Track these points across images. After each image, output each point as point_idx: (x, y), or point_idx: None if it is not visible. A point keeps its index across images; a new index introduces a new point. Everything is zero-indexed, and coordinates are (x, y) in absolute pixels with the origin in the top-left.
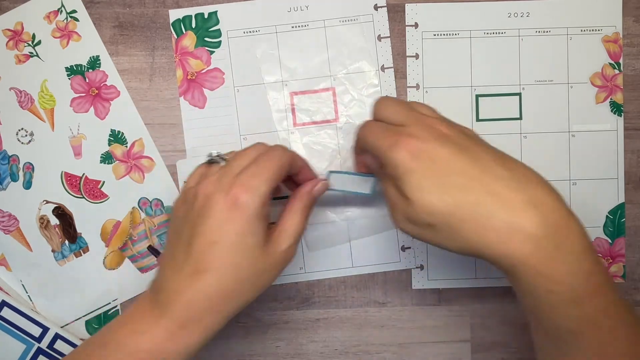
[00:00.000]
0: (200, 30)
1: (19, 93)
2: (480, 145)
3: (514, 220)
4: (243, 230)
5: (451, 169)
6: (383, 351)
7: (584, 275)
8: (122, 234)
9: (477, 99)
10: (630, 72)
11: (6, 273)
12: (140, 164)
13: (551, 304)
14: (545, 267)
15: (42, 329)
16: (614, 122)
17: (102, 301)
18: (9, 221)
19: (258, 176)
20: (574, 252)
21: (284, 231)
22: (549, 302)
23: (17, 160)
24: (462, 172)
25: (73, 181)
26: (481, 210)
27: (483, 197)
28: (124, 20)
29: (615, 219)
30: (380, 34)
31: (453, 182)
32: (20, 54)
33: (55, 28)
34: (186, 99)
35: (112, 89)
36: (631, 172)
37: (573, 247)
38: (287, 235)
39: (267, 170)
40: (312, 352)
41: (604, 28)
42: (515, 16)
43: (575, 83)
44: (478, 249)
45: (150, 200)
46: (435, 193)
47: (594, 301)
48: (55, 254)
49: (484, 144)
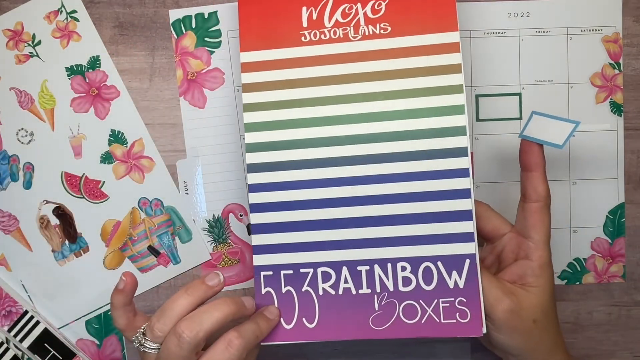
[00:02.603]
0: (200, 30)
1: (19, 93)
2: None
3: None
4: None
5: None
6: (383, 351)
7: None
8: (122, 234)
9: (477, 99)
10: (630, 72)
11: (6, 273)
12: (140, 164)
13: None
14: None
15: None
16: (614, 122)
17: (102, 301)
18: (9, 221)
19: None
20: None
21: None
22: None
23: (17, 160)
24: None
25: (73, 181)
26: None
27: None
28: (124, 20)
29: (615, 219)
30: None
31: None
32: (20, 54)
33: (55, 28)
34: (186, 99)
35: (112, 89)
36: (631, 172)
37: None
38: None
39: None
40: (312, 352)
41: (604, 28)
42: (515, 16)
43: (575, 83)
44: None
45: (150, 200)
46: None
47: None
48: (55, 254)
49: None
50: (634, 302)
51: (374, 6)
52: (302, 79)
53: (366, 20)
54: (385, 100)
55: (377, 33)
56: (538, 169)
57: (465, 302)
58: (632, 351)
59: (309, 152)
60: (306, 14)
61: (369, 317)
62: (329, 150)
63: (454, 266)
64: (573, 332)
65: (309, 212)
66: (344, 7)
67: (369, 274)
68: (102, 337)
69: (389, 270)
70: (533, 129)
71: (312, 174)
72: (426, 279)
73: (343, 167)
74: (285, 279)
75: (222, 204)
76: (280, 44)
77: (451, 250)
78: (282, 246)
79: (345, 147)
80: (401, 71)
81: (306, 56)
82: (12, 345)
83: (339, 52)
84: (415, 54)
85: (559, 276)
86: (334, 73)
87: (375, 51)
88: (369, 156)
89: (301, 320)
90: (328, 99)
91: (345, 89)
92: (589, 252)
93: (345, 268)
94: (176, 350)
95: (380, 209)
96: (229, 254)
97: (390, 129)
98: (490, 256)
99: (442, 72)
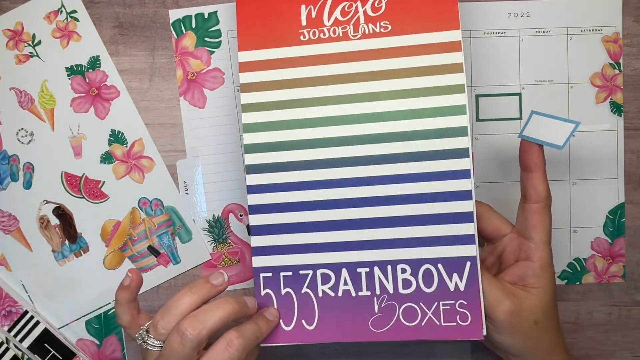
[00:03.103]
0: (200, 30)
1: (19, 93)
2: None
3: None
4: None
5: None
6: (383, 351)
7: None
8: (122, 234)
9: (477, 99)
10: (630, 72)
11: (6, 273)
12: (140, 164)
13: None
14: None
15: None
16: (614, 122)
17: (102, 301)
18: (9, 221)
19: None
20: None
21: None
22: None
23: (17, 160)
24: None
25: (73, 181)
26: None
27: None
28: (124, 20)
29: (615, 219)
30: None
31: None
32: (20, 54)
33: (55, 28)
34: (186, 99)
35: (112, 89)
36: (631, 172)
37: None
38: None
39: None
40: (312, 353)
41: (604, 28)
42: (515, 16)
43: (575, 83)
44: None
45: (150, 200)
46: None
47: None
48: (55, 254)
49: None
50: (634, 302)
51: (374, 4)
52: (302, 78)
53: (366, 19)
54: (385, 100)
55: (377, 32)
56: (538, 170)
57: (465, 304)
58: (632, 351)
59: (310, 153)
60: (305, 12)
61: (368, 320)
62: (330, 151)
63: (455, 268)
64: (573, 332)
65: (308, 214)
66: (344, 5)
67: (369, 275)
68: (102, 337)
69: (389, 272)
70: (532, 129)
71: (313, 175)
72: (426, 281)
73: (343, 168)
74: (285, 281)
75: (222, 204)
76: (279, 42)
77: (452, 252)
78: (281, 248)
79: (345, 148)
80: (402, 70)
81: (305, 55)
82: (12, 345)
83: (338, 51)
84: (416, 52)
85: (559, 276)
86: (334, 72)
87: (376, 50)
88: (369, 157)
89: (300, 322)
90: (328, 99)
91: (345, 89)
92: (589, 252)
93: (344, 270)
94: (179, 348)
95: (380, 210)
96: (229, 254)
97: (391, 129)
98: (491, 257)
99: (444, 72)
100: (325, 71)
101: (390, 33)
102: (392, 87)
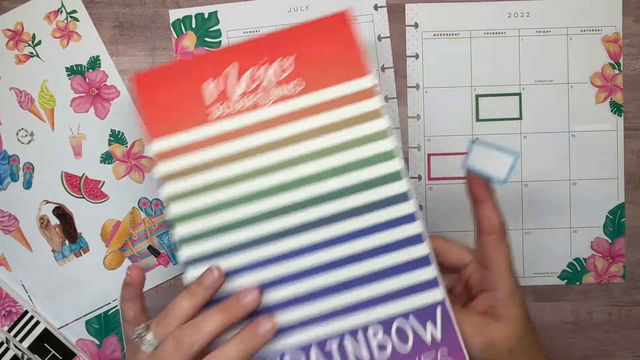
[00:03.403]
0: (200, 30)
1: (19, 93)
2: None
3: None
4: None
5: None
6: None
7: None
8: (122, 234)
9: (477, 99)
10: (630, 72)
11: (6, 273)
12: (140, 164)
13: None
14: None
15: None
16: (614, 122)
17: (102, 301)
18: (9, 221)
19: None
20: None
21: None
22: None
23: (17, 160)
24: None
25: (73, 181)
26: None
27: None
28: (124, 20)
29: (615, 219)
30: (380, 34)
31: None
32: (20, 54)
33: (55, 28)
34: None
35: (112, 89)
36: (631, 172)
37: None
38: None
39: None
40: None
41: (604, 28)
42: (515, 16)
43: (575, 83)
44: None
45: (150, 200)
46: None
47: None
48: (55, 254)
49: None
50: (634, 302)
51: (282, 65)
52: (215, 159)
53: (278, 81)
54: (311, 161)
55: (292, 92)
56: (487, 201)
57: (447, 351)
58: (632, 351)
59: (244, 233)
60: (210, 87)
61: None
62: (264, 226)
63: (427, 317)
64: (573, 332)
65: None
66: (251, 70)
67: (341, 350)
68: (102, 337)
69: (361, 338)
70: (476, 160)
71: (252, 255)
72: (401, 339)
73: (282, 241)
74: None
75: None
76: (187, 124)
77: (419, 301)
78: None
79: (279, 220)
80: (321, 128)
81: (217, 134)
82: (12, 345)
83: (252, 122)
84: (333, 106)
85: (559, 276)
86: (251, 145)
87: (290, 113)
88: (306, 224)
89: None
90: (250, 173)
91: (267, 159)
92: (589, 252)
93: (314, 350)
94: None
95: (334, 275)
96: None
97: (323, 190)
98: (459, 285)
99: (363, 121)
100: (239, 146)
101: (306, 90)
102: (315, 146)
